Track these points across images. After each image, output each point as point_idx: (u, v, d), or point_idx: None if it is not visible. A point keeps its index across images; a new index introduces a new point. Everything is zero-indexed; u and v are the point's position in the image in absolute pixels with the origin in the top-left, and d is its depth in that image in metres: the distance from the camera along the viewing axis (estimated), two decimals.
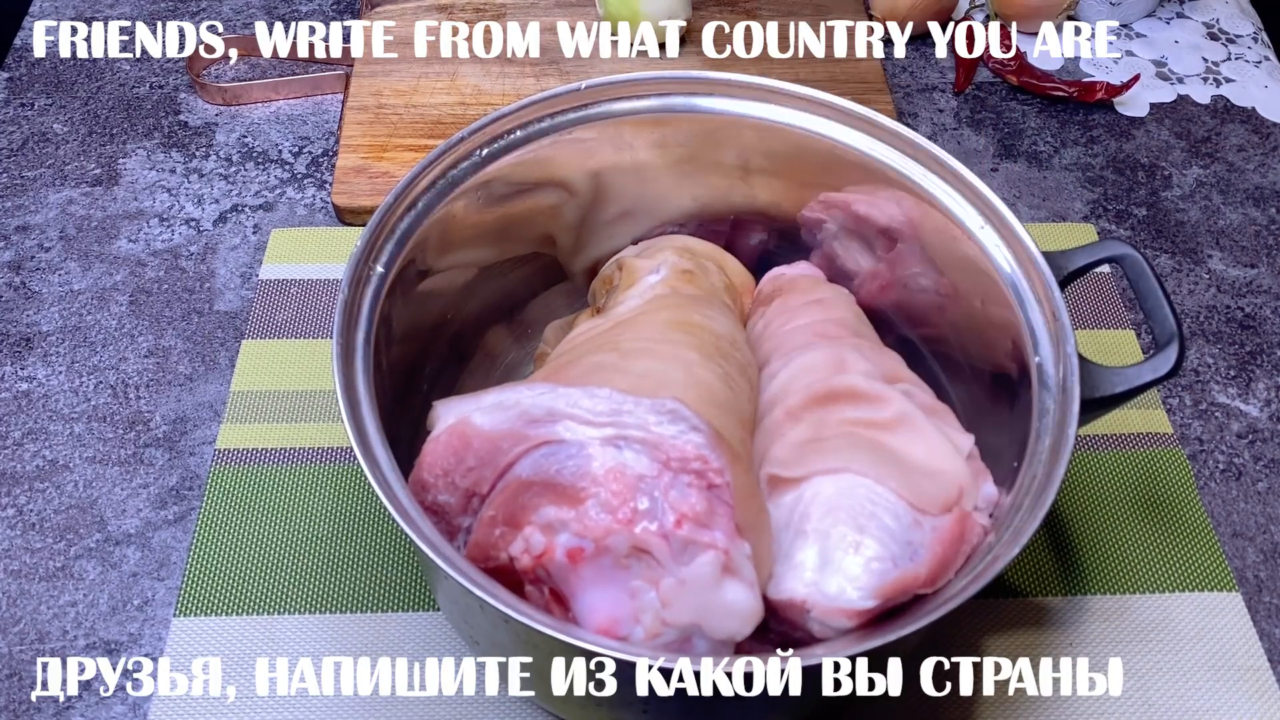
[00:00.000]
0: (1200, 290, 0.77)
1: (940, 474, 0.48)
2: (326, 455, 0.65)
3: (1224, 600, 0.61)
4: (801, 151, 0.60)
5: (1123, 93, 0.88)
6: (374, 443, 0.46)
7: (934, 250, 0.58)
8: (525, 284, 0.65)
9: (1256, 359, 0.73)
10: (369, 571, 0.60)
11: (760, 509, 0.47)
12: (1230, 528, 0.64)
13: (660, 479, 0.43)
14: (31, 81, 0.88)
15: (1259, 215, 0.82)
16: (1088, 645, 0.59)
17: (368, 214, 0.77)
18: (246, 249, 0.76)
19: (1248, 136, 0.88)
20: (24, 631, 0.58)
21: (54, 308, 0.72)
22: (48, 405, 0.67)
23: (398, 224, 0.54)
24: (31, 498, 0.63)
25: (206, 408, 0.67)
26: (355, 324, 0.50)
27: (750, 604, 0.43)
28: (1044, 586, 0.61)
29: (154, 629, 0.58)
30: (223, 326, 0.72)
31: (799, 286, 0.61)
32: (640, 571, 0.44)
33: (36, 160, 0.82)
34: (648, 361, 0.50)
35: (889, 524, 0.46)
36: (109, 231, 0.77)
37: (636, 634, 0.44)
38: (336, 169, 0.79)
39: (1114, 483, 0.65)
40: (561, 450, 0.45)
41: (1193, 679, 0.58)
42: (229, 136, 0.84)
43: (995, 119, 0.88)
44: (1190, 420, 0.69)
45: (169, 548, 0.61)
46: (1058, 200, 0.82)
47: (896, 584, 0.45)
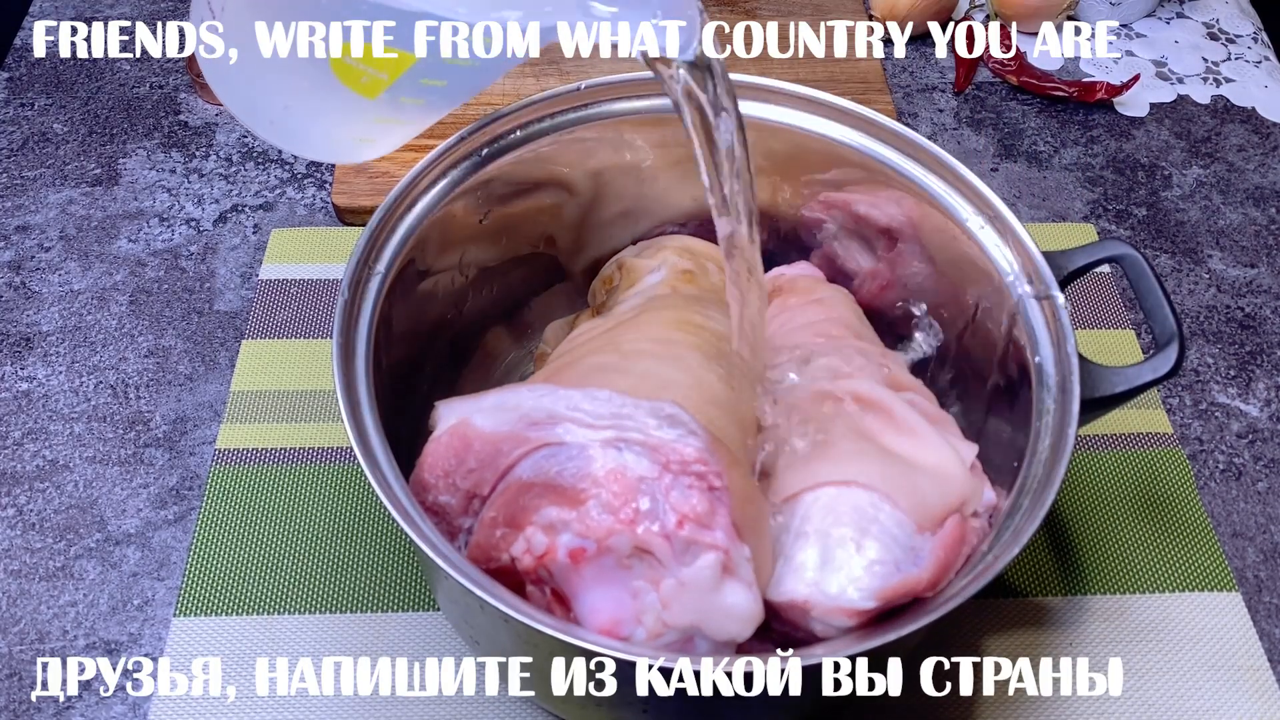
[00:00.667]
0: (1200, 290, 0.77)
1: (944, 486, 0.48)
2: (326, 455, 0.65)
3: (1224, 600, 0.61)
4: (801, 151, 0.60)
5: (1123, 93, 0.88)
6: (374, 443, 0.46)
7: (934, 250, 0.58)
8: (525, 284, 0.65)
9: (1256, 359, 0.73)
10: (369, 571, 0.60)
11: (759, 512, 0.47)
12: (1230, 528, 0.64)
13: (661, 480, 0.43)
14: (31, 81, 0.88)
15: (1259, 215, 0.82)
16: (1088, 645, 0.59)
17: (368, 214, 0.77)
18: (246, 249, 0.76)
19: (1248, 136, 0.88)
20: (24, 631, 0.58)
21: (54, 308, 0.72)
22: (48, 405, 0.67)
23: (398, 224, 0.54)
24: (31, 498, 0.63)
25: (206, 408, 0.67)
26: (355, 324, 0.50)
27: (750, 606, 0.43)
28: (1044, 586, 0.61)
29: (154, 629, 0.58)
30: (223, 326, 0.72)
31: (799, 286, 0.61)
32: (642, 572, 0.44)
33: (36, 160, 0.82)
34: (648, 362, 0.50)
35: (892, 529, 0.46)
36: (109, 231, 0.77)
37: (638, 634, 0.44)
38: (336, 169, 0.79)
39: (1114, 483, 0.65)
40: (562, 452, 0.45)
41: (1193, 679, 0.58)
42: (229, 136, 0.84)
43: (995, 119, 0.88)
44: (1190, 420, 0.69)
45: (169, 548, 0.61)
46: (1058, 200, 0.82)
47: (898, 587, 0.45)
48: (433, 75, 0.46)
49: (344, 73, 0.47)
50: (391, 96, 0.48)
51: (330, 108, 0.49)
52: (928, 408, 0.53)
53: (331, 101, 0.48)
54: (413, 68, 0.46)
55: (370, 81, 0.46)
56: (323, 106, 0.50)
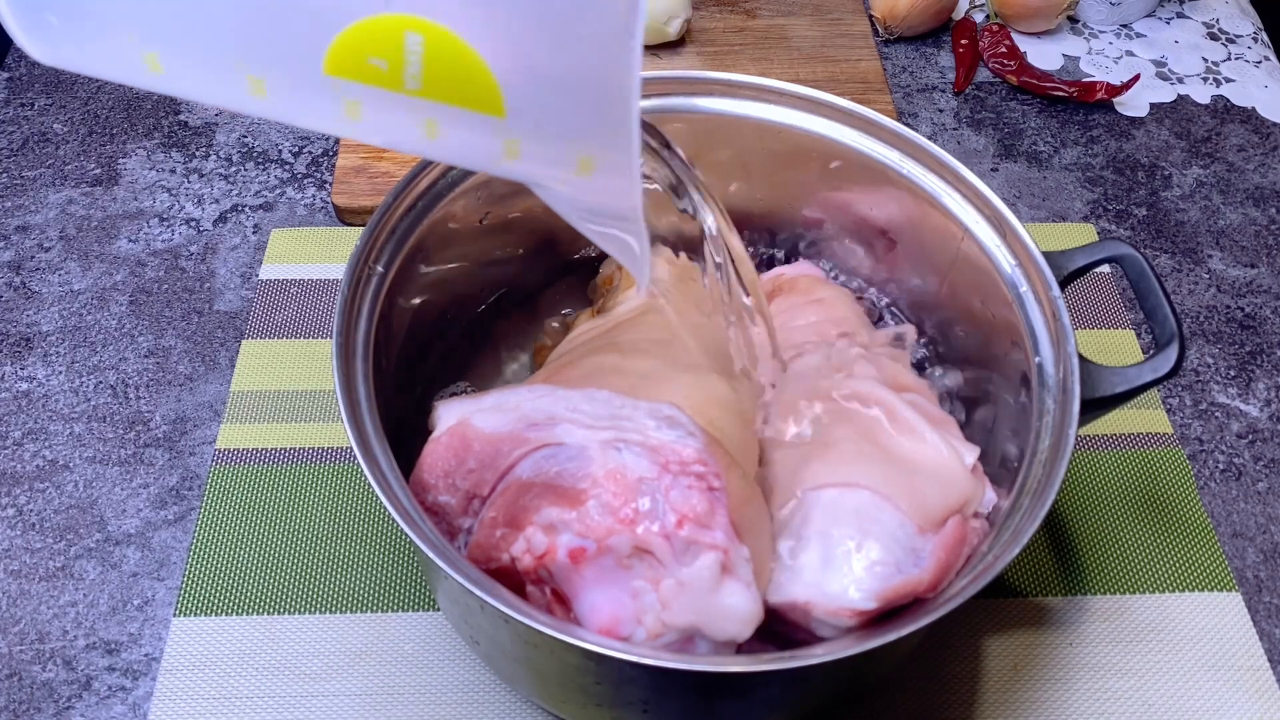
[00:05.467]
0: (1200, 290, 0.77)
1: (945, 487, 0.48)
2: (326, 455, 0.65)
3: (1224, 600, 0.61)
4: (801, 151, 0.60)
5: (1123, 93, 0.88)
6: (374, 443, 0.46)
7: (934, 250, 0.58)
8: (525, 283, 0.65)
9: (1256, 359, 0.73)
10: (369, 571, 0.60)
11: (758, 513, 0.47)
12: (1230, 528, 0.64)
13: (660, 481, 0.43)
14: (31, 81, 0.88)
15: (1259, 215, 0.82)
16: (1088, 645, 0.59)
17: (368, 214, 0.77)
18: (246, 249, 0.76)
19: (1248, 136, 0.88)
20: (24, 631, 0.58)
21: (54, 308, 0.72)
22: (48, 405, 0.67)
23: (398, 224, 0.54)
24: (31, 498, 0.63)
25: (206, 408, 0.67)
26: (355, 324, 0.50)
27: (749, 607, 0.43)
28: (1044, 586, 0.61)
29: (154, 629, 0.58)
30: (223, 326, 0.72)
31: (799, 286, 0.61)
32: (642, 572, 0.44)
33: (36, 160, 0.82)
34: (648, 362, 0.50)
35: (893, 530, 0.46)
36: (109, 231, 0.77)
37: (638, 635, 0.44)
38: (336, 169, 0.79)
39: (1114, 483, 0.65)
40: (561, 452, 0.45)
41: (1193, 679, 0.58)
42: (229, 136, 0.84)
43: (995, 119, 0.88)
44: (1190, 420, 0.69)
45: (169, 548, 0.61)
46: (1058, 200, 0.82)
47: (899, 588, 0.45)
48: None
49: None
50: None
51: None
52: (929, 408, 0.53)
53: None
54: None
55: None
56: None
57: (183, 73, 0.37)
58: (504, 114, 0.35)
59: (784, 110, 0.59)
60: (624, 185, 0.37)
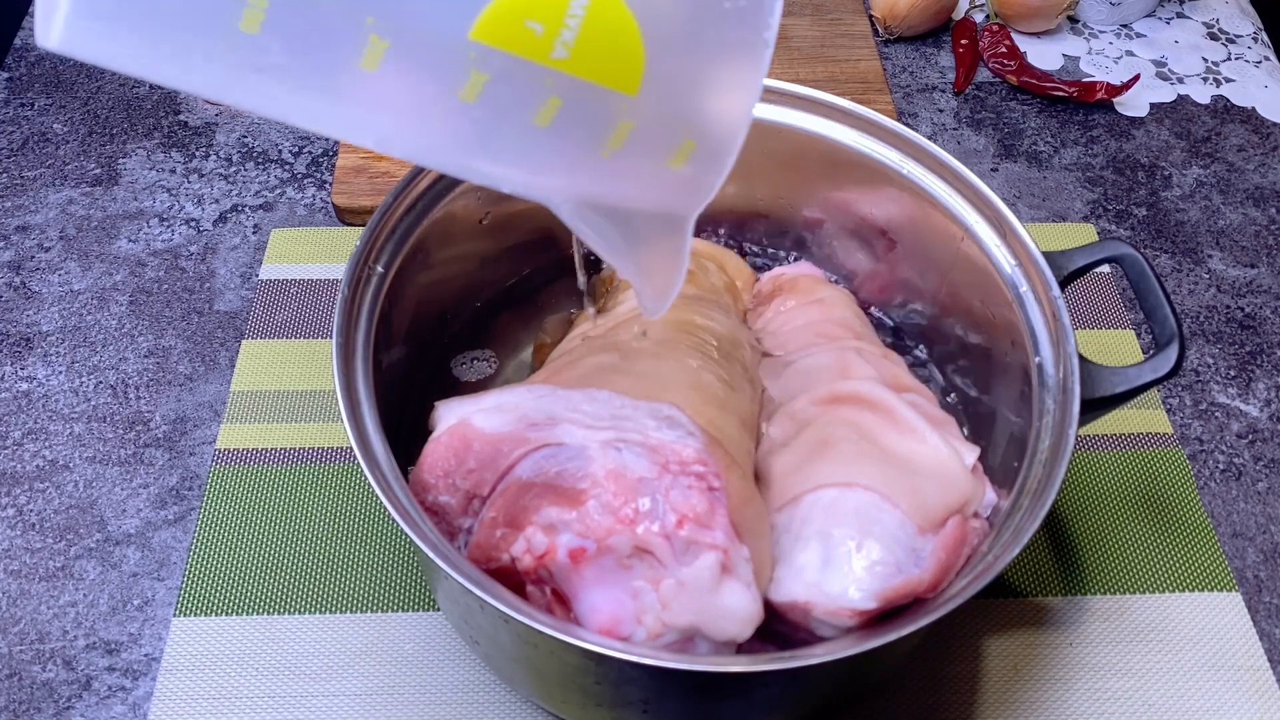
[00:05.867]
0: (1200, 290, 0.77)
1: (945, 487, 0.48)
2: (326, 455, 0.65)
3: (1224, 600, 0.61)
4: (801, 151, 0.60)
5: (1123, 93, 0.88)
6: (374, 443, 0.46)
7: (934, 250, 0.58)
8: (525, 282, 0.65)
9: (1256, 359, 0.73)
10: (369, 571, 0.60)
11: (758, 513, 0.47)
12: (1230, 528, 0.64)
13: (660, 480, 0.43)
14: (31, 81, 0.88)
15: (1259, 215, 0.82)
16: (1088, 645, 0.59)
17: (368, 214, 0.77)
18: (246, 249, 0.76)
19: (1248, 136, 0.88)
20: (24, 631, 0.58)
21: (54, 308, 0.72)
22: (48, 405, 0.67)
23: (398, 224, 0.54)
24: (31, 498, 0.63)
25: (206, 408, 0.67)
26: (355, 324, 0.50)
27: (749, 607, 0.43)
28: (1044, 586, 0.61)
29: (154, 629, 0.58)
30: (223, 326, 0.72)
31: (799, 286, 0.61)
32: (642, 572, 0.44)
33: (36, 160, 0.82)
34: (648, 362, 0.50)
35: (893, 530, 0.46)
36: (109, 231, 0.77)
37: (638, 634, 0.44)
38: (336, 169, 0.79)
39: (1114, 483, 0.65)
40: (562, 452, 0.45)
41: (1192, 679, 0.58)
42: (229, 136, 0.84)
43: (995, 119, 0.88)
44: (1190, 420, 0.69)
45: (169, 548, 0.61)
46: (1058, 200, 0.82)
47: (900, 588, 0.45)
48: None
49: None
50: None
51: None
52: (929, 409, 0.53)
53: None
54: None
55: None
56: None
57: (289, 19, 0.30)
58: (636, 90, 0.34)
59: (784, 110, 0.59)
60: (715, 172, 0.36)
